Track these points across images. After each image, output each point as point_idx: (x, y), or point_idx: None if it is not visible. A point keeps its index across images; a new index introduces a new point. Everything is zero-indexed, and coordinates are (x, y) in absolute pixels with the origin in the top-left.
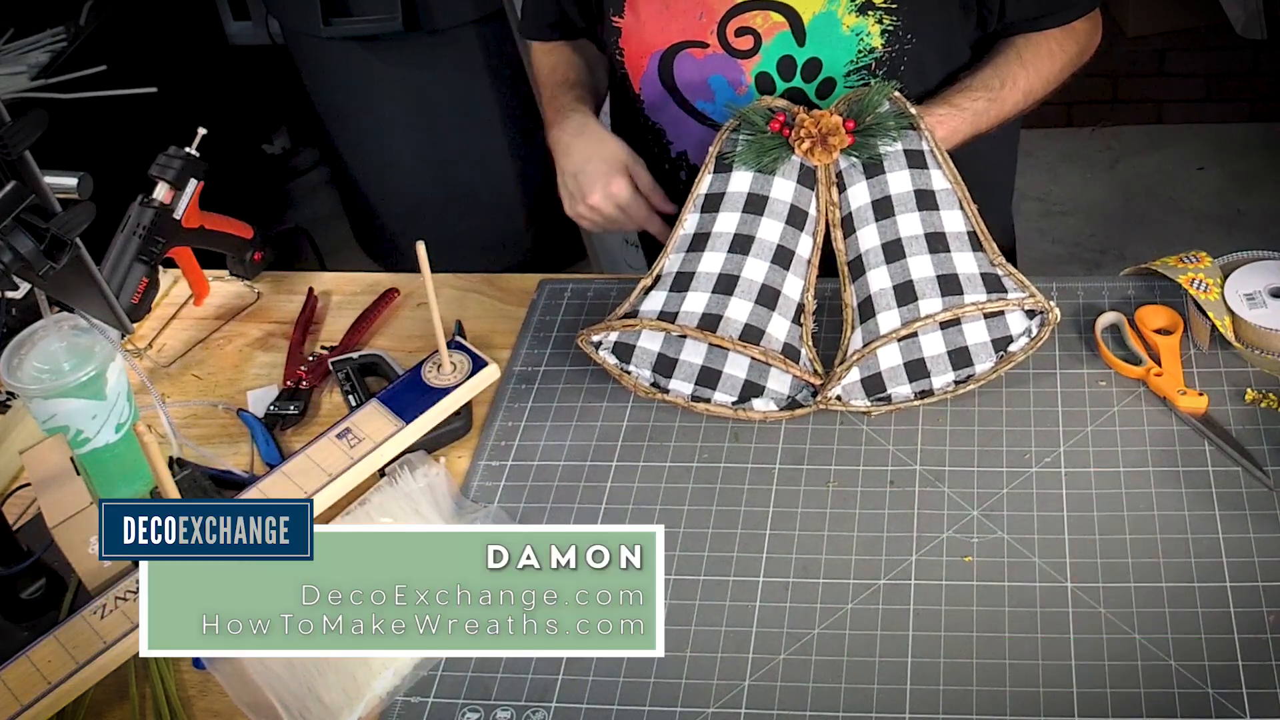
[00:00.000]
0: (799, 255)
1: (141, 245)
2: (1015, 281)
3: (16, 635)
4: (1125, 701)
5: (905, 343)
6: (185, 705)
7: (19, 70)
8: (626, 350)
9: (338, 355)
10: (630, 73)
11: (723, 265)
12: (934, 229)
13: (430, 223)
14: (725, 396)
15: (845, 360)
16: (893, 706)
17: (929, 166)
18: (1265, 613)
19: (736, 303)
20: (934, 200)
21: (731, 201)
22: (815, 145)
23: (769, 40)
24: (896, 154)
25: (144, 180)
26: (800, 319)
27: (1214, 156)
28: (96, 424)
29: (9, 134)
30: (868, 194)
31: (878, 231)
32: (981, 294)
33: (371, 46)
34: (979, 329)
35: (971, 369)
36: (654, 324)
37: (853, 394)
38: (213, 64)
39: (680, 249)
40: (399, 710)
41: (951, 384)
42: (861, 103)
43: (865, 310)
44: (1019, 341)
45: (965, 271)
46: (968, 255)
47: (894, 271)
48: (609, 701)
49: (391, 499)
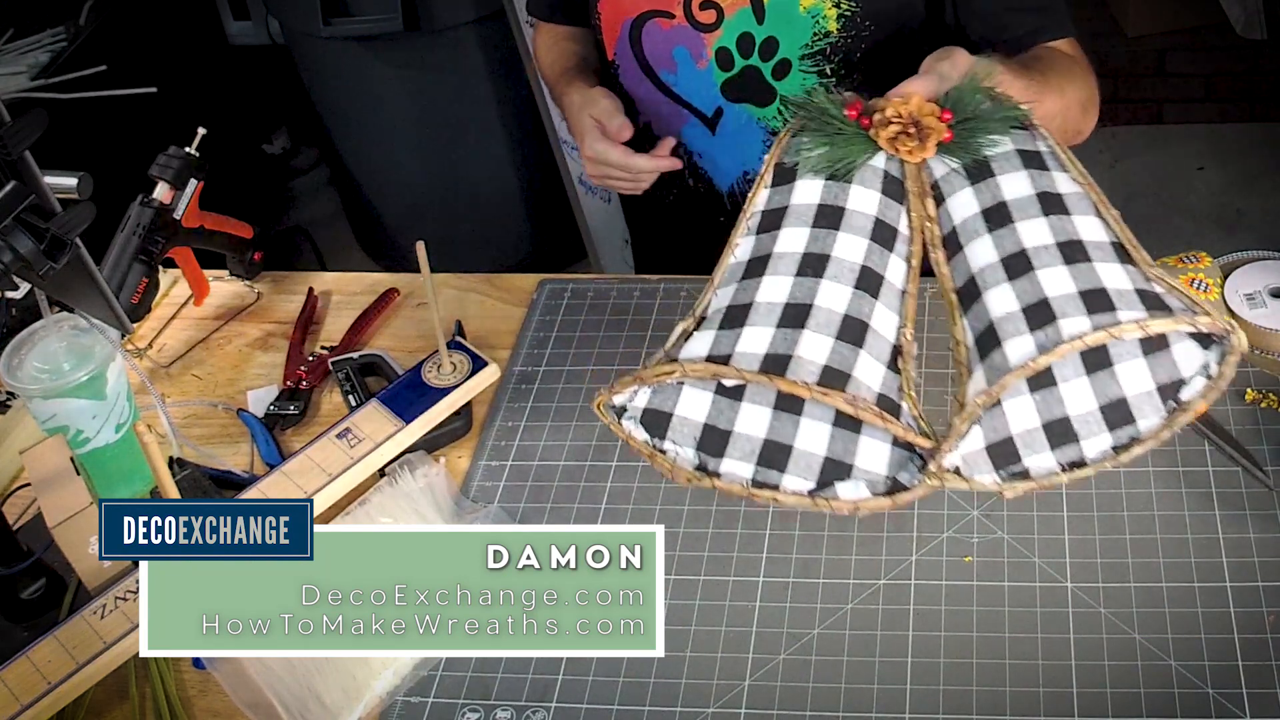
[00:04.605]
0: (889, 282)
1: (141, 245)
2: (1181, 299)
3: (16, 635)
4: (1125, 701)
5: (1042, 396)
6: (185, 705)
7: (19, 70)
8: (660, 421)
9: (338, 355)
10: (605, 40)
11: (790, 291)
12: (1068, 237)
13: (430, 223)
14: (799, 481)
15: (965, 410)
16: (893, 706)
17: (1050, 168)
18: (1265, 613)
19: (811, 338)
20: (1063, 205)
21: (797, 215)
22: (904, 132)
23: (731, 15)
24: (1008, 154)
25: (144, 180)
26: (898, 364)
27: (1214, 156)
28: (96, 424)
29: (9, 134)
30: (975, 202)
31: (994, 243)
32: (1140, 311)
33: (371, 46)
34: (1138, 372)
35: (1134, 427)
36: (699, 368)
37: (976, 466)
38: (213, 64)
39: (731, 279)
40: (399, 710)
41: (1109, 450)
42: (957, 95)
43: (986, 342)
44: (1193, 384)
45: (1115, 286)
46: (1115, 267)
47: (1021, 289)
48: (609, 701)
49: (391, 499)
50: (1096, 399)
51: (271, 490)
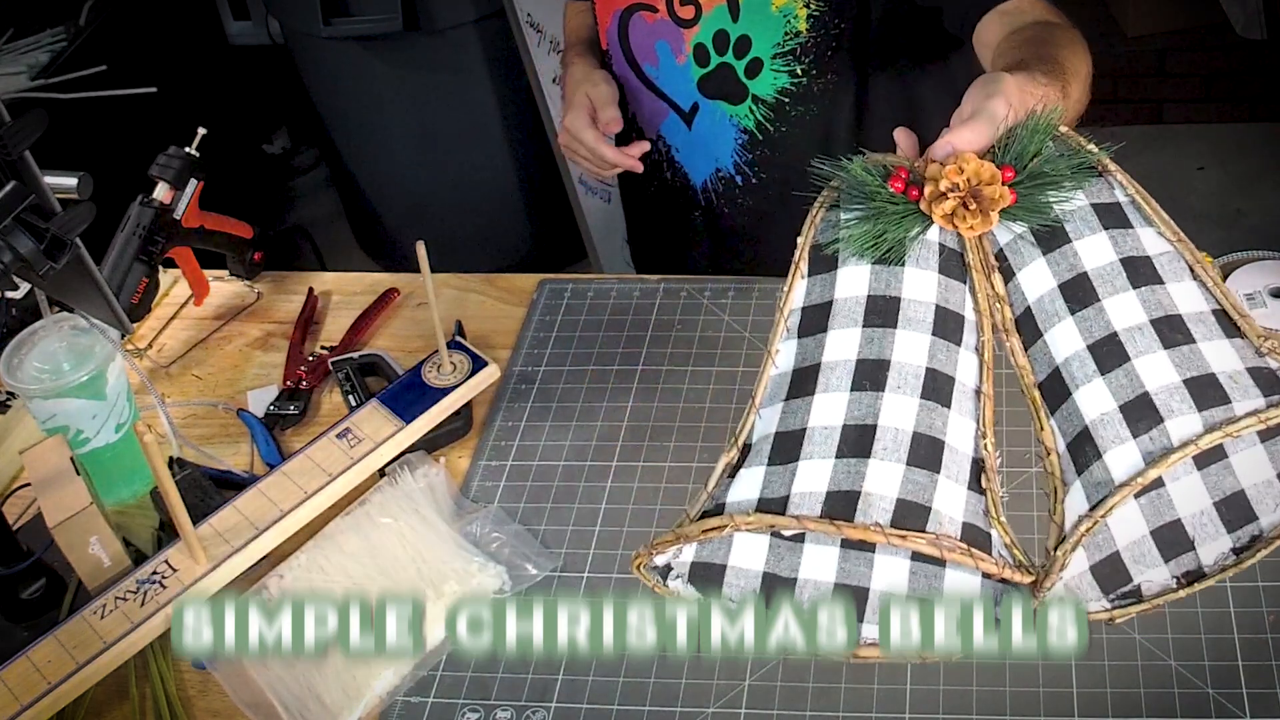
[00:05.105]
0: (961, 383)
1: (141, 245)
2: None
3: (16, 635)
4: (1125, 701)
5: (1148, 499)
6: (185, 705)
7: (19, 70)
8: (711, 575)
9: (338, 355)
10: (599, 28)
11: (847, 412)
12: (1163, 311)
13: (430, 223)
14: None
15: (1065, 539)
16: (893, 707)
17: (1133, 224)
18: (1265, 613)
19: (879, 468)
20: (1154, 271)
21: (845, 312)
22: (963, 205)
23: (708, 11)
24: (1081, 211)
25: (144, 180)
26: (982, 482)
27: (1214, 156)
28: (96, 424)
29: (9, 134)
30: (1051, 275)
31: (1078, 327)
32: (1257, 398)
33: (371, 46)
34: (1257, 460)
35: (1256, 525)
36: (753, 520)
37: (1083, 593)
38: (213, 64)
39: (774, 398)
40: (399, 710)
41: (1229, 554)
42: (1016, 144)
43: (1082, 451)
44: None
45: (1224, 369)
46: (1222, 344)
47: (1117, 383)
48: (609, 701)
49: (391, 499)
50: (1210, 495)
51: (271, 490)
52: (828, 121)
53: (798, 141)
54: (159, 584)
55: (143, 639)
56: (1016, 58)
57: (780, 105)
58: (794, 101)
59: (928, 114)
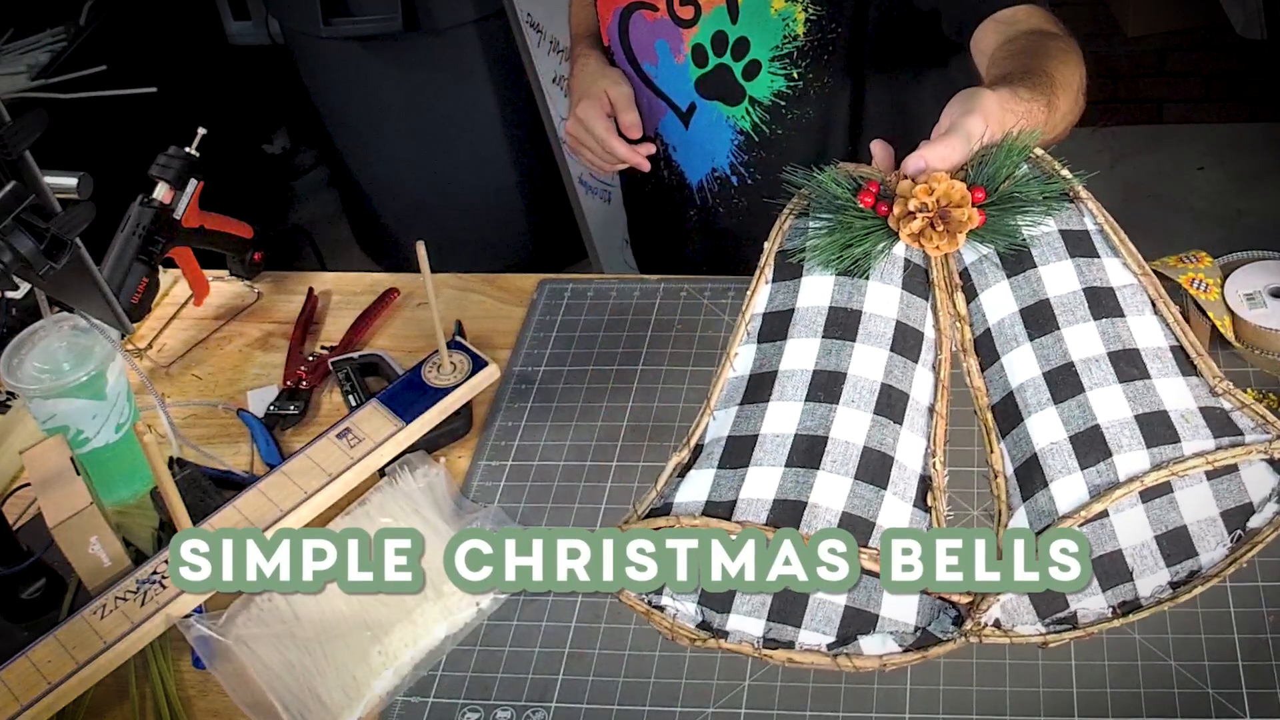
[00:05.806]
0: (915, 400)
1: (141, 245)
2: (1252, 416)
3: (16, 635)
4: (1125, 701)
5: (1090, 528)
6: (185, 705)
7: (19, 70)
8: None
9: (338, 355)
10: (600, 23)
11: (800, 421)
12: (1121, 345)
13: (430, 223)
14: (817, 636)
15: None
16: (893, 707)
17: (1100, 253)
18: (1265, 613)
19: (827, 480)
20: (1115, 303)
21: (805, 322)
22: (930, 226)
23: (708, 12)
24: (1049, 237)
25: (144, 180)
26: (928, 501)
27: (1214, 156)
28: (96, 424)
29: (9, 134)
30: (1013, 299)
31: (1036, 354)
32: (1207, 439)
33: (371, 46)
34: (1201, 497)
35: (1195, 561)
36: (699, 523)
37: (1019, 615)
38: (213, 64)
39: (729, 401)
40: (399, 710)
41: (1166, 587)
42: (990, 164)
43: (1029, 478)
44: (1264, 511)
45: (1177, 407)
46: (1176, 382)
47: (1069, 414)
48: (609, 701)
49: (391, 499)
50: (1152, 529)
51: (271, 490)
52: (824, 125)
53: (793, 144)
54: (159, 584)
55: (143, 639)
56: (1005, 70)
57: (776, 108)
58: (790, 104)
59: (925, 120)
